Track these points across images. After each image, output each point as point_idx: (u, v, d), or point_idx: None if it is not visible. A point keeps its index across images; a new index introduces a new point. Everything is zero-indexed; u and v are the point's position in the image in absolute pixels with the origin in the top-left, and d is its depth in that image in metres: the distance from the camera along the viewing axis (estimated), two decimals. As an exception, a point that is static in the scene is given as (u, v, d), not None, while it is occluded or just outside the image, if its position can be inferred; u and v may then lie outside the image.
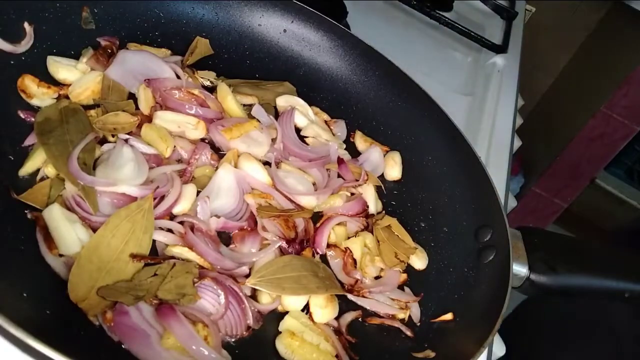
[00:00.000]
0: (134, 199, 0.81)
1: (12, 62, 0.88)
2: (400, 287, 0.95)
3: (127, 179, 0.82)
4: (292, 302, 0.83)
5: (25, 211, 0.76)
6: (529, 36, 2.24)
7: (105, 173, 0.82)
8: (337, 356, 0.80)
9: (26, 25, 0.90)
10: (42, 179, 0.81)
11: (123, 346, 0.68)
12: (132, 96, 0.97)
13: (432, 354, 0.83)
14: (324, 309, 0.84)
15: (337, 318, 0.86)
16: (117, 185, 0.81)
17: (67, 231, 0.75)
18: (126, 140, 0.88)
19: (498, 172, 1.42)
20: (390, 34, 1.77)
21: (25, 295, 0.66)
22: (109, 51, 0.99)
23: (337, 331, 0.85)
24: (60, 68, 0.92)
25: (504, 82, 1.80)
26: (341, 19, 1.54)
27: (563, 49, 3.18)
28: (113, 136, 0.89)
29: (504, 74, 1.84)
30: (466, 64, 1.89)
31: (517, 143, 1.76)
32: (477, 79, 1.81)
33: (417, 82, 1.20)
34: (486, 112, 1.63)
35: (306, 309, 0.84)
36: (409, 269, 0.98)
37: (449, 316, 0.90)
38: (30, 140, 0.83)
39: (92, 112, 0.91)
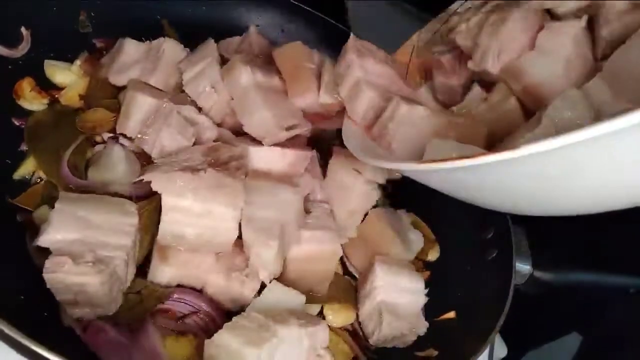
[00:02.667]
0: (128, 198, 0.81)
1: (9, 67, 0.88)
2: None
3: (119, 178, 0.82)
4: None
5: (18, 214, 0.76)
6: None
7: (98, 174, 0.82)
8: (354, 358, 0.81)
9: (23, 29, 0.90)
10: (36, 182, 0.81)
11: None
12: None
13: (435, 353, 0.83)
14: (337, 313, 0.85)
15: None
16: (109, 186, 0.80)
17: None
18: (116, 140, 0.88)
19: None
20: (390, 33, 1.76)
21: (22, 297, 0.66)
22: (104, 52, 0.99)
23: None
24: (57, 72, 0.92)
25: (505, 80, 1.79)
26: (341, 18, 1.54)
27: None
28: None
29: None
30: (467, 62, 1.88)
31: (520, 141, 1.75)
32: (478, 77, 1.79)
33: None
34: (488, 110, 1.62)
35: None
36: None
37: (451, 314, 0.90)
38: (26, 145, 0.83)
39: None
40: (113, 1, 1.04)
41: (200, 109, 0.91)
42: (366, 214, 0.95)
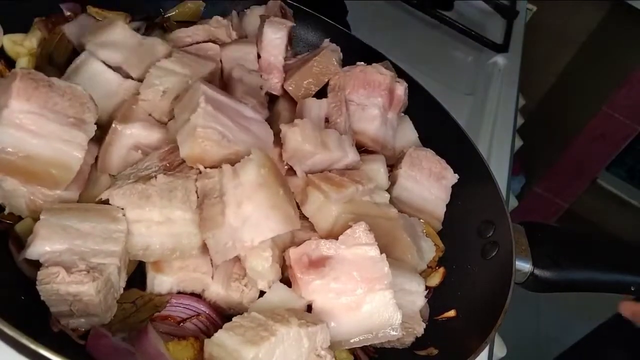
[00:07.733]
0: None
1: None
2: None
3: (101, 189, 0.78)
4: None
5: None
6: (530, 35, 2.24)
7: None
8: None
9: None
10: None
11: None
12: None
13: (435, 351, 0.83)
14: None
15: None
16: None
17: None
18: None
19: (499, 172, 1.41)
20: (390, 34, 1.77)
21: (22, 297, 0.66)
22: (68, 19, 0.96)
23: None
24: (16, 46, 0.90)
25: (505, 81, 1.80)
26: (341, 19, 1.54)
27: (564, 48, 3.17)
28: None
29: (505, 73, 1.84)
30: (467, 63, 1.89)
31: (519, 143, 1.76)
32: (478, 78, 1.80)
33: (418, 82, 1.19)
34: (487, 111, 1.63)
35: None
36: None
37: (452, 313, 0.90)
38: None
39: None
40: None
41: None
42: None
